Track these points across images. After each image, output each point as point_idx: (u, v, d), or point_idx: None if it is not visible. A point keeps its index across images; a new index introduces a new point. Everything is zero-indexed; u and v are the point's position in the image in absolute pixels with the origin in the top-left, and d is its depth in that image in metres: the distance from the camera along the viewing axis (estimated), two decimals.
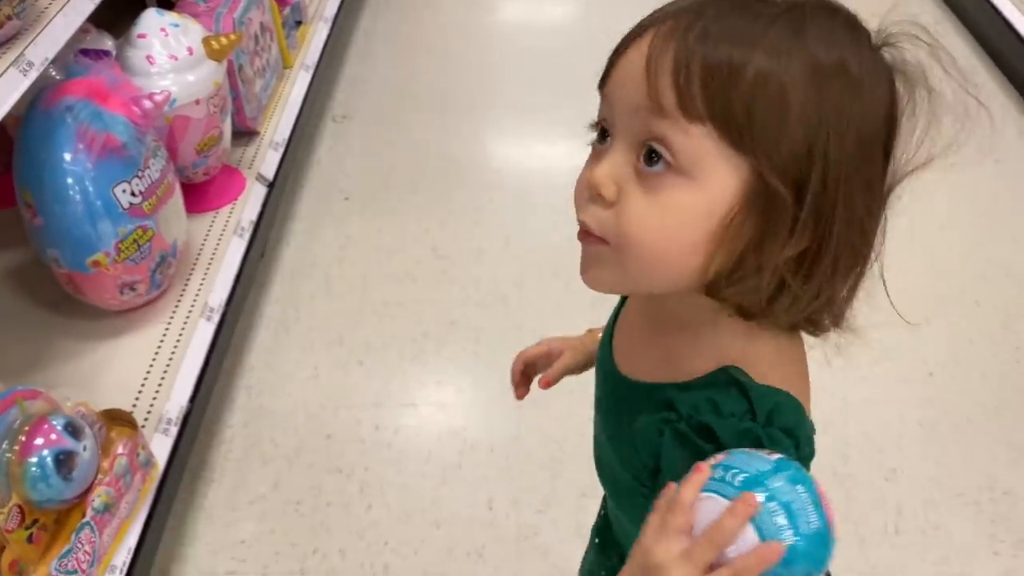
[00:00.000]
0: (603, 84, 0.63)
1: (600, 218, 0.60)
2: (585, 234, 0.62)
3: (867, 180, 0.59)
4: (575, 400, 1.80)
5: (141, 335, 1.60)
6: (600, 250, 0.61)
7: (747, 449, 0.58)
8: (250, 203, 1.94)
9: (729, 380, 0.63)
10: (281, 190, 2.21)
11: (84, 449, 1.17)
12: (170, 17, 1.72)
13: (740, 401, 0.62)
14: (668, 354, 0.68)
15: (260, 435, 1.74)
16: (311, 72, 2.42)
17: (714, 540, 0.54)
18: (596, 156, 0.62)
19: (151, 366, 1.55)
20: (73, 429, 1.15)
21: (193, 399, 1.55)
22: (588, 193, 0.61)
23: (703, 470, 0.57)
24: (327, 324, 1.97)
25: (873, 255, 0.63)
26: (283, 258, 2.15)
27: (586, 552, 1.00)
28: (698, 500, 0.56)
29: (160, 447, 1.45)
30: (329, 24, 2.64)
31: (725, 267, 0.60)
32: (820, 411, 0.69)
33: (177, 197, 1.64)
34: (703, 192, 0.57)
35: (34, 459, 1.09)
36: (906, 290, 0.67)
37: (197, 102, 1.71)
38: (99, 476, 1.22)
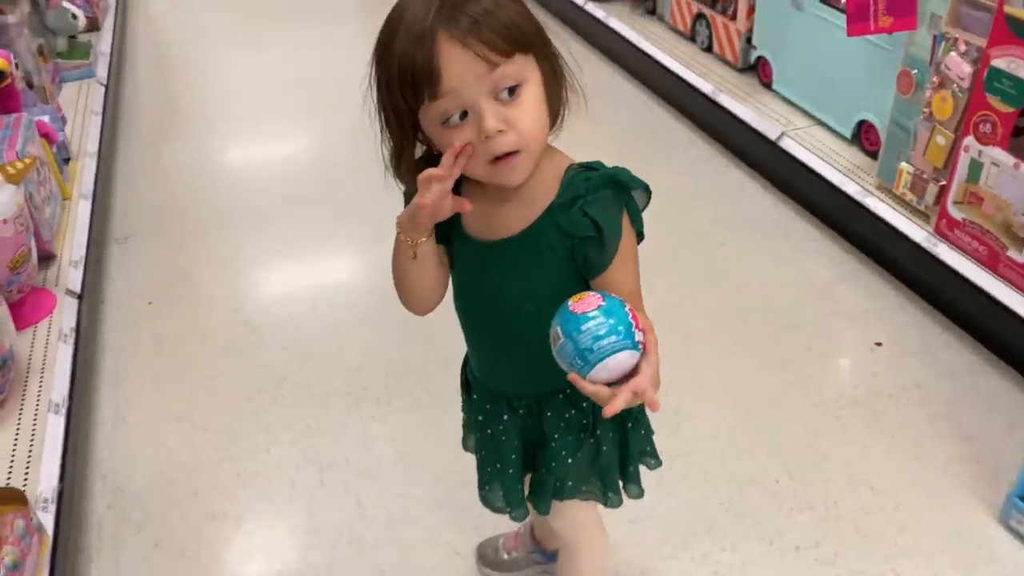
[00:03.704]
0: (435, 92, 0.91)
1: (510, 141, 0.94)
2: (501, 158, 0.95)
3: None
4: (407, 408, 2.07)
5: None
6: (516, 159, 0.95)
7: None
8: (66, 314, 2.07)
9: (576, 168, 1.03)
10: (89, 303, 2.33)
11: None
12: None
13: (592, 172, 1.01)
14: (534, 193, 1.02)
15: (127, 510, 1.84)
16: (90, 200, 2.58)
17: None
18: (473, 119, 0.93)
19: (12, 463, 1.64)
20: None
21: (62, 478, 1.65)
22: (490, 138, 0.92)
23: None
24: (162, 410, 2.11)
25: None
26: (103, 364, 2.26)
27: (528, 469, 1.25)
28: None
29: (45, 522, 1.54)
30: (95, 158, 2.81)
31: (556, 110, 1.00)
32: None
33: (3, 306, 1.76)
34: (533, 85, 0.95)
35: None
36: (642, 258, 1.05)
37: (4, 221, 1.85)
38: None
